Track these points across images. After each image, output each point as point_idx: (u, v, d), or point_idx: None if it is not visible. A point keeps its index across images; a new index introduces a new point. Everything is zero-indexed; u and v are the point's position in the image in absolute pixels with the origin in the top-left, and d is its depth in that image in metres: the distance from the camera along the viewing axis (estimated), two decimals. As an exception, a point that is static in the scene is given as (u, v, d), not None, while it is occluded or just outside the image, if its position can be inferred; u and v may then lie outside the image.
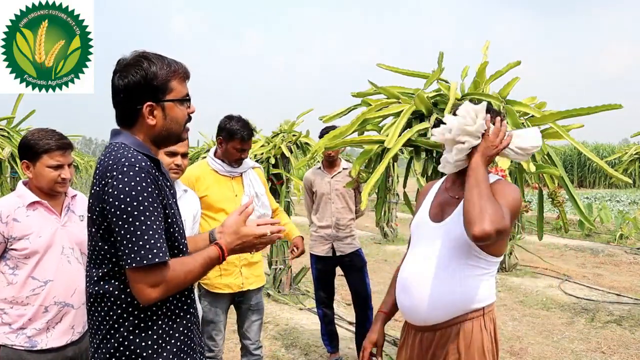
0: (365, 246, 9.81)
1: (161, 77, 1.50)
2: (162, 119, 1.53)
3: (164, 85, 1.51)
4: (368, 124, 3.01)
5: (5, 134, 5.37)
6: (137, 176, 1.39)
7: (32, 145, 2.16)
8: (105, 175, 1.42)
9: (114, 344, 1.47)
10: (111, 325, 1.47)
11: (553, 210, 10.86)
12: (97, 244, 1.47)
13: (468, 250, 1.83)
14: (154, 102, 1.50)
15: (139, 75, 1.48)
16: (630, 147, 12.94)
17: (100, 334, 1.49)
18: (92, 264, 1.51)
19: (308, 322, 5.13)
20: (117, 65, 1.53)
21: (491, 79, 2.99)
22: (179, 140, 1.62)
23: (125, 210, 1.37)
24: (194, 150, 10.64)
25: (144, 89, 1.49)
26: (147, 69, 1.49)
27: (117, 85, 1.51)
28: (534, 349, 4.41)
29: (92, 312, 1.52)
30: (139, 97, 1.49)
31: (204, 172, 3.10)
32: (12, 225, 2.10)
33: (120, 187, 1.38)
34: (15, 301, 2.11)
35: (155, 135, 1.54)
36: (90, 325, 1.54)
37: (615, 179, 2.83)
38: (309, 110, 5.94)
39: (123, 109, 1.53)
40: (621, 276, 7.11)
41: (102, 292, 1.47)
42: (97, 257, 1.48)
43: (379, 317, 2.12)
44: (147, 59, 1.50)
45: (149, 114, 1.51)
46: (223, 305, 3.10)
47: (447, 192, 1.99)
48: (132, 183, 1.38)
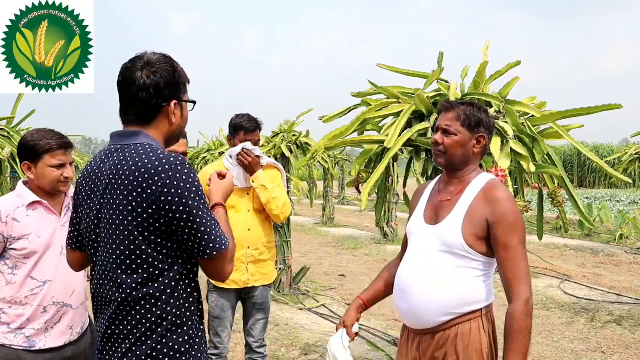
0: (365, 246, 9.82)
1: (184, 77, 1.55)
2: (180, 118, 1.56)
3: (185, 86, 1.56)
4: (368, 124, 3.01)
5: (5, 134, 5.37)
6: (192, 172, 1.44)
7: (33, 146, 2.15)
8: (155, 176, 1.40)
9: (150, 345, 1.45)
10: (147, 327, 1.45)
11: (553, 210, 10.86)
12: (138, 248, 1.42)
13: (464, 253, 1.83)
14: (177, 101, 1.53)
15: (168, 73, 1.50)
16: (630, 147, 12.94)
17: (132, 338, 1.45)
18: (121, 271, 1.45)
19: (308, 322, 5.13)
20: (139, 61, 1.50)
21: (491, 79, 3.00)
22: (178, 140, 1.65)
23: (194, 205, 1.41)
24: (194, 150, 10.64)
25: (174, 87, 1.51)
26: (176, 68, 1.52)
27: (143, 82, 1.48)
28: (534, 349, 4.41)
29: (120, 319, 1.47)
30: (167, 94, 1.50)
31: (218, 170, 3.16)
32: (11, 225, 2.10)
33: (182, 185, 1.41)
34: (14, 301, 2.11)
35: (170, 133, 1.56)
36: (115, 332, 1.48)
37: (615, 179, 2.84)
38: (309, 110, 5.94)
39: (144, 106, 1.50)
40: (621, 276, 7.10)
41: (140, 297, 1.44)
42: (133, 262, 1.43)
43: (355, 301, 2.15)
44: (171, 59, 1.53)
45: (173, 111, 1.53)
46: (230, 302, 3.12)
47: (440, 194, 1.98)
48: (189, 179, 1.42)
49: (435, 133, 1.95)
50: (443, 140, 1.91)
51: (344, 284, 6.76)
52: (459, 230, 1.82)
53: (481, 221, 1.81)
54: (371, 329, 4.80)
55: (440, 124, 1.93)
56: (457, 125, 1.89)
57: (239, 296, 3.17)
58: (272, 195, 3.07)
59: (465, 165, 1.92)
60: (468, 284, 1.83)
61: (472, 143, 1.90)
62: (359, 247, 9.74)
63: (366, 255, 8.97)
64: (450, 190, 1.94)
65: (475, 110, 1.90)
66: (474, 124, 1.89)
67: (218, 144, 9.72)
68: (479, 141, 1.91)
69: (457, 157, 1.90)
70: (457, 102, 1.96)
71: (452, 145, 1.89)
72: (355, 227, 12.78)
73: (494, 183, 1.88)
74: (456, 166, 1.93)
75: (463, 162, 1.92)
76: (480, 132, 1.90)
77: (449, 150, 1.90)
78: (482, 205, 1.82)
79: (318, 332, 4.78)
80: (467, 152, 1.90)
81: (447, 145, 1.90)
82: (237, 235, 3.11)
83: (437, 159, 1.96)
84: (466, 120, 1.88)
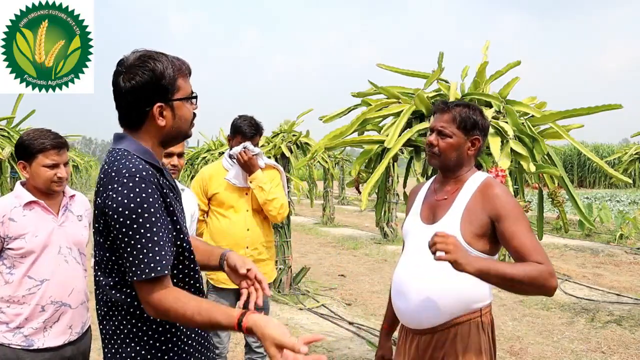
0: (365, 246, 9.82)
1: (169, 76, 1.44)
2: (172, 119, 1.47)
3: (172, 85, 1.45)
4: (368, 124, 3.01)
5: (5, 134, 5.36)
6: (137, 187, 1.34)
7: (27, 146, 2.16)
8: (107, 186, 1.38)
9: (132, 352, 1.43)
10: (126, 334, 1.43)
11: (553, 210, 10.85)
12: (105, 254, 1.42)
13: None
14: (163, 103, 1.44)
15: (146, 76, 1.41)
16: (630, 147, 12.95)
17: (115, 342, 1.45)
18: (101, 272, 1.45)
19: (308, 322, 5.13)
20: (120, 66, 1.45)
21: (491, 79, 3.00)
22: (186, 137, 1.58)
23: (125, 223, 1.33)
24: (194, 150, 10.65)
25: (153, 89, 1.42)
26: (155, 69, 1.42)
27: (123, 87, 1.43)
28: (534, 349, 4.41)
29: (106, 320, 1.46)
30: (147, 98, 1.43)
31: (218, 171, 3.21)
32: (8, 225, 2.11)
33: (119, 199, 1.33)
34: (12, 300, 2.11)
35: (164, 135, 1.49)
36: (104, 333, 1.49)
37: (615, 179, 2.84)
38: (309, 110, 5.94)
39: (129, 111, 1.46)
40: (621, 276, 7.10)
41: (114, 300, 1.42)
42: (106, 266, 1.43)
43: (382, 332, 2.19)
44: (152, 58, 1.43)
45: (159, 115, 1.45)
46: (228, 301, 3.12)
47: (436, 194, 1.98)
48: (131, 195, 1.33)
49: (430, 134, 1.95)
50: (438, 142, 1.90)
51: (344, 284, 6.76)
52: (457, 229, 1.82)
53: (481, 219, 1.81)
54: (371, 329, 4.80)
55: (435, 125, 1.93)
56: (452, 128, 1.88)
57: (237, 296, 3.16)
58: (269, 197, 3.08)
59: (460, 166, 1.93)
60: (467, 284, 1.83)
61: (467, 145, 1.90)
62: (359, 247, 9.74)
63: (366, 255, 8.97)
64: (447, 190, 1.94)
65: (470, 112, 1.90)
66: (470, 126, 1.88)
67: (218, 144, 9.72)
68: (474, 143, 1.91)
69: (451, 159, 1.91)
70: (453, 103, 1.95)
71: (447, 148, 1.89)
72: (355, 227, 12.77)
73: (489, 181, 1.89)
74: (450, 168, 1.93)
75: (457, 164, 1.92)
76: (475, 134, 1.90)
77: (444, 152, 1.90)
78: (481, 203, 1.82)
79: (318, 332, 4.78)
80: (461, 154, 1.90)
81: (442, 148, 1.90)
82: (236, 235, 3.14)
83: (431, 160, 1.97)
84: (462, 122, 1.88)
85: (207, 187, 3.17)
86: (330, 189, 13.57)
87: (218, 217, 3.15)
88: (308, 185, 11.67)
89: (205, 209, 3.20)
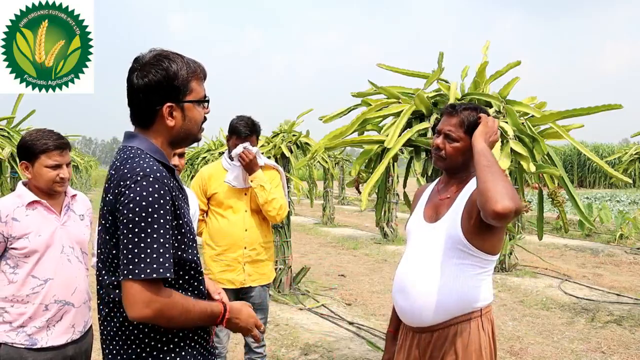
0: (365, 246, 9.83)
1: (182, 78, 1.44)
2: (181, 120, 1.47)
3: (185, 86, 1.45)
4: (368, 124, 3.01)
5: (5, 134, 5.37)
6: (151, 187, 1.35)
7: (30, 146, 2.16)
8: (120, 184, 1.37)
9: (133, 353, 1.43)
10: (127, 335, 1.43)
11: (553, 210, 10.86)
12: (111, 251, 1.41)
13: (463, 250, 1.83)
14: (174, 103, 1.45)
15: (160, 75, 1.42)
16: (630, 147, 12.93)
17: (117, 342, 1.44)
18: (105, 270, 1.45)
19: (308, 322, 5.13)
20: (136, 63, 1.46)
21: (491, 79, 2.99)
22: (195, 141, 1.58)
23: (134, 221, 1.33)
24: (194, 150, 10.64)
25: (165, 89, 1.43)
26: (169, 69, 1.43)
27: (136, 84, 1.44)
28: (534, 349, 4.41)
29: (107, 321, 1.46)
30: (159, 97, 1.43)
31: (217, 171, 3.23)
32: (11, 225, 2.11)
33: (133, 197, 1.34)
34: (16, 299, 2.12)
35: (173, 136, 1.49)
36: (104, 334, 1.48)
37: (615, 179, 2.84)
38: (309, 110, 5.94)
39: (141, 109, 1.47)
40: (621, 276, 7.11)
41: (118, 300, 1.41)
42: (111, 264, 1.42)
43: (388, 336, 2.19)
44: (168, 58, 1.44)
45: (168, 115, 1.45)
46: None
47: (440, 194, 1.99)
48: (144, 193, 1.34)
49: (437, 136, 1.95)
50: (445, 145, 1.91)
51: (344, 284, 6.76)
52: (458, 225, 1.83)
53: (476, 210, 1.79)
54: (371, 329, 4.80)
55: (442, 128, 1.93)
56: (459, 132, 1.89)
57: (236, 296, 3.17)
58: (269, 197, 3.08)
59: (465, 168, 1.93)
60: (467, 283, 1.83)
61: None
62: (359, 247, 9.74)
63: (366, 255, 8.97)
64: (450, 189, 1.95)
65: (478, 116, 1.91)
66: None
67: (218, 144, 9.72)
68: None
69: (457, 163, 1.92)
70: (461, 106, 1.94)
71: (454, 152, 1.90)
72: (355, 227, 12.78)
73: None
74: (456, 170, 1.95)
75: (463, 167, 1.93)
76: None
77: (450, 157, 1.91)
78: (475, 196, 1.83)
79: (318, 332, 4.78)
80: (467, 158, 1.90)
81: (448, 152, 1.91)
82: (234, 235, 3.14)
83: (437, 162, 1.98)
84: (469, 126, 1.88)
85: (207, 187, 3.18)
86: (330, 189, 13.58)
87: (217, 217, 3.16)
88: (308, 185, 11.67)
89: (205, 209, 3.20)
